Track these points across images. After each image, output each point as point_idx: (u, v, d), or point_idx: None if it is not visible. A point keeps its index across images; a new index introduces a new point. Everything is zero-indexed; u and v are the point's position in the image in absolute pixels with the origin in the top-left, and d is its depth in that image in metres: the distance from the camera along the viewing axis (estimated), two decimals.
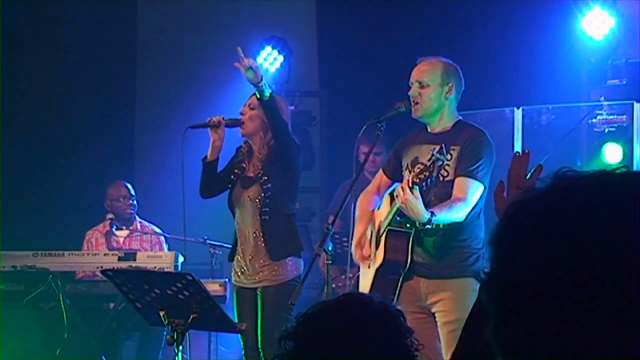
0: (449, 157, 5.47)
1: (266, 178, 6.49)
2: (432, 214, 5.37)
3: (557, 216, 1.51)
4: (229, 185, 6.68)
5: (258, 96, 6.37)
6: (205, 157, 6.65)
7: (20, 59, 10.72)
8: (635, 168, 7.28)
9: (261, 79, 6.32)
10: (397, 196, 5.47)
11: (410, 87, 5.71)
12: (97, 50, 10.61)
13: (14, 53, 10.74)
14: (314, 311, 2.54)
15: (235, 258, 6.68)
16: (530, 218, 1.56)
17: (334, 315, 2.53)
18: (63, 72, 10.61)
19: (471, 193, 5.50)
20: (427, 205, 5.47)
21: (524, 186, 2.87)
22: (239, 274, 6.64)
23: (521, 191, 2.82)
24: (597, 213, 1.48)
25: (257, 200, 6.51)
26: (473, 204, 5.52)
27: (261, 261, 6.52)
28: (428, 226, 5.43)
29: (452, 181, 5.55)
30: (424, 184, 5.37)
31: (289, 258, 6.52)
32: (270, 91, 6.36)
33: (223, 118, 6.63)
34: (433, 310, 5.60)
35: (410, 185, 5.37)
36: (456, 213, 5.44)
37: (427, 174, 5.37)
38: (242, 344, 6.56)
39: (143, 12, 11.19)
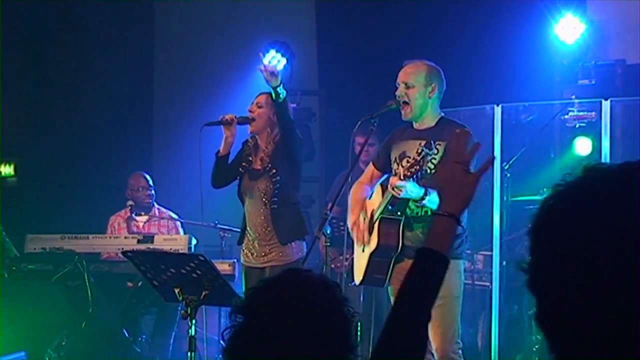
0: (435, 151, 5.52)
1: (275, 171, 6.53)
2: (426, 190, 5.40)
3: (592, 206, 1.56)
4: (237, 177, 6.71)
5: (274, 96, 6.39)
6: (218, 151, 6.67)
7: (50, 59, 10.73)
8: (603, 159, 7.32)
9: (280, 83, 6.34)
10: (392, 188, 5.52)
11: (396, 87, 5.74)
12: (118, 51, 10.58)
13: (45, 54, 10.76)
14: (260, 286, 2.56)
15: (244, 241, 6.72)
16: (566, 210, 1.61)
17: (277, 288, 2.54)
18: (88, 72, 10.62)
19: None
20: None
21: (462, 160, 2.91)
22: (249, 255, 6.67)
23: (459, 164, 2.89)
24: (629, 202, 1.52)
25: (267, 191, 6.55)
26: None
27: (270, 244, 6.57)
28: (424, 202, 5.45)
29: (437, 174, 5.56)
30: (414, 176, 5.41)
31: (295, 241, 6.56)
32: (285, 94, 6.38)
33: (235, 116, 6.66)
34: None
35: (402, 178, 5.41)
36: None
37: (418, 167, 5.39)
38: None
39: (160, 15, 11.18)
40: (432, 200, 5.42)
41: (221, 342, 8.47)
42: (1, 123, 10.86)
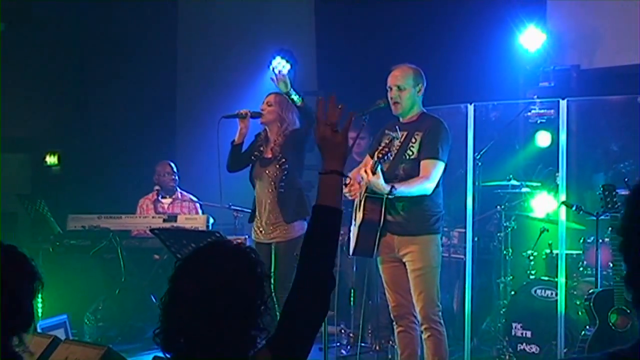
0: (413, 140, 5.59)
1: (284, 160, 6.53)
2: (392, 187, 5.43)
3: None
4: (250, 164, 6.73)
5: (292, 101, 6.41)
6: (233, 140, 6.68)
7: (88, 67, 10.75)
8: (560, 151, 7.34)
9: (289, 89, 6.34)
10: (362, 179, 5.56)
11: (387, 90, 5.75)
12: (145, 55, 10.60)
13: (84, 62, 10.78)
14: (186, 256, 2.59)
15: (254, 220, 6.73)
16: None
17: (199, 256, 2.57)
18: (120, 75, 10.62)
19: (435, 172, 5.52)
20: (396, 177, 5.56)
21: (329, 122, 2.98)
22: (258, 232, 6.68)
23: (328, 126, 2.97)
24: None
25: (275, 177, 6.55)
26: (437, 179, 5.55)
27: (276, 223, 6.57)
28: (390, 196, 5.48)
29: (417, 159, 5.58)
30: (384, 158, 5.42)
31: (298, 221, 6.58)
32: (299, 97, 6.38)
33: (249, 111, 6.68)
34: (404, 260, 5.62)
35: (376, 159, 5.43)
36: (418, 188, 5.47)
37: (386, 150, 5.42)
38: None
39: (182, 22, 11.18)
40: (400, 192, 5.47)
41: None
42: (48, 121, 10.92)
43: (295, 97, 6.35)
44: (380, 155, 5.45)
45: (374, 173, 5.44)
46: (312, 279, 2.68)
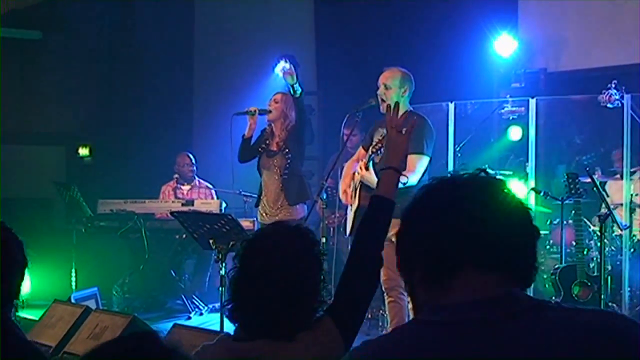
0: None
1: (288, 150, 6.55)
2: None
3: None
4: (257, 155, 6.74)
5: (292, 92, 6.42)
6: (244, 134, 6.69)
7: (115, 67, 10.73)
8: (529, 143, 7.35)
9: (296, 81, 6.37)
10: (357, 173, 5.57)
11: (378, 87, 5.76)
12: (165, 57, 10.58)
13: (111, 63, 10.76)
14: (252, 237, 2.57)
15: (260, 204, 6.74)
16: None
17: (264, 237, 2.55)
18: (144, 76, 10.61)
19: (420, 165, 5.48)
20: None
21: (395, 125, 3.02)
22: (264, 214, 6.69)
23: (394, 128, 3.01)
24: None
25: (280, 166, 6.57)
26: (421, 172, 5.48)
27: (280, 206, 6.59)
28: None
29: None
30: (377, 153, 5.42)
31: (300, 204, 6.59)
32: (300, 90, 6.41)
33: (257, 109, 6.68)
34: (392, 239, 5.60)
35: (370, 153, 5.45)
36: (406, 180, 5.48)
37: (379, 146, 5.42)
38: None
39: (198, 26, 11.17)
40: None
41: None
42: (80, 117, 10.91)
43: (297, 89, 6.38)
44: (374, 151, 5.46)
45: (367, 169, 5.47)
46: (365, 257, 2.72)
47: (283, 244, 2.49)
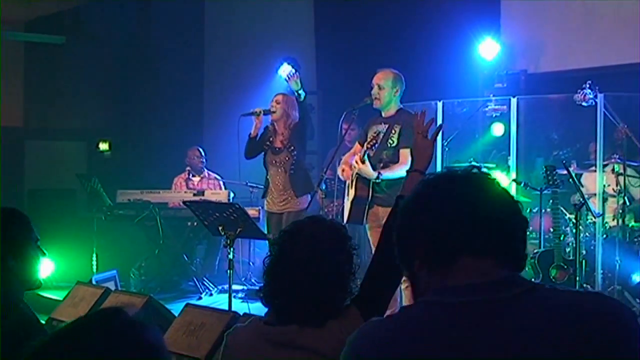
0: (392, 131, 5.61)
1: (292, 147, 6.55)
2: (379, 173, 5.48)
3: None
4: (262, 152, 6.74)
5: (297, 96, 6.44)
6: (250, 133, 6.69)
7: (130, 70, 10.71)
8: (510, 139, 7.34)
9: (300, 87, 6.37)
10: (354, 166, 5.58)
11: (372, 87, 5.76)
12: (176, 58, 10.56)
13: (127, 65, 10.74)
14: (288, 228, 2.54)
15: (268, 195, 6.75)
16: None
17: (302, 228, 2.52)
18: (159, 75, 10.60)
19: (411, 158, 5.53)
20: (380, 160, 5.58)
21: (421, 131, 2.97)
22: (270, 203, 6.71)
23: (420, 134, 2.97)
24: None
25: (286, 161, 6.59)
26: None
27: (287, 197, 6.61)
28: (377, 180, 5.51)
29: (397, 147, 5.59)
30: (372, 148, 5.48)
31: (305, 195, 6.61)
32: (304, 94, 6.41)
33: (262, 109, 6.68)
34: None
35: (366, 149, 5.49)
36: (397, 172, 5.45)
37: (374, 142, 5.49)
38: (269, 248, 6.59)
39: (209, 31, 11.14)
40: (384, 177, 5.50)
41: (251, 263, 8.46)
42: (100, 115, 10.91)
43: (302, 94, 6.39)
44: (369, 146, 5.50)
45: (363, 162, 5.49)
46: (390, 252, 2.69)
47: (320, 237, 2.47)
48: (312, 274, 2.40)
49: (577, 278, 5.94)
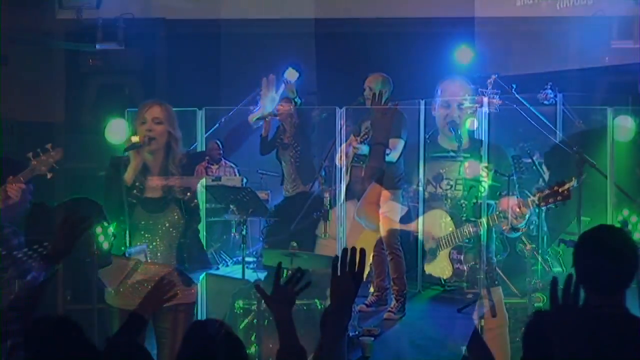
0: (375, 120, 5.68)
1: (297, 144, 6.68)
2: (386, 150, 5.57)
3: None
4: (274, 148, 6.86)
5: (294, 102, 6.51)
6: (261, 134, 6.80)
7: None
8: (483, 131, 7.32)
9: (296, 95, 6.45)
10: (353, 148, 5.64)
11: (364, 89, 5.76)
12: (195, 62, 10.42)
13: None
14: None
15: (284, 183, 7.08)
16: None
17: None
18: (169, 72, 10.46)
19: (398, 146, 5.56)
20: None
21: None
22: (287, 189, 7.15)
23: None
24: None
25: (293, 155, 6.74)
26: (400, 151, 5.60)
27: (296, 183, 6.87)
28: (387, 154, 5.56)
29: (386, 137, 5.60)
30: (365, 140, 5.59)
31: (310, 182, 6.72)
32: (300, 101, 6.48)
33: (271, 113, 6.71)
34: (387, 215, 5.67)
35: (360, 140, 5.61)
36: (388, 157, 5.49)
37: (365, 137, 5.61)
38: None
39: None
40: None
41: (261, 239, 8.46)
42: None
43: (298, 101, 6.59)
44: (362, 140, 5.65)
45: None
46: None
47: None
48: None
49: (539, 251, 5.97)
